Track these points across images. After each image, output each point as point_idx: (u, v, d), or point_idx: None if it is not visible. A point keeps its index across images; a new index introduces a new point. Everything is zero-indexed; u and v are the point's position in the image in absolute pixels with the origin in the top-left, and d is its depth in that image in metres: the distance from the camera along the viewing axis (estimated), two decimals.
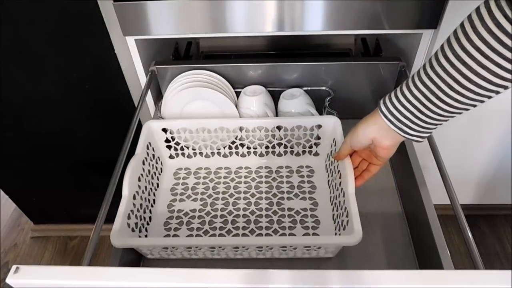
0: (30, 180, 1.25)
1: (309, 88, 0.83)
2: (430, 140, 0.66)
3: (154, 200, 0.73)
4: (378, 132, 0.54)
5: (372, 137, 0.55)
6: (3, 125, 1.04)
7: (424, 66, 0.48)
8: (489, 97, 0.44)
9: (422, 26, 0.75)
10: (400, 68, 0.80)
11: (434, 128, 0.52)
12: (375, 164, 0.61)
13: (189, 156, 0.80)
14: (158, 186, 0.76)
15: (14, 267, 0.37)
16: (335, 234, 0.65)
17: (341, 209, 0.62)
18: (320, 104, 0.83)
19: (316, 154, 0.79)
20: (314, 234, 0.67)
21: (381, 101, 0.54)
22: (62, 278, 0.37)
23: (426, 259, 0.62)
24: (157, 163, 0.76)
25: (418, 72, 0.49)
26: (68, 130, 1.07)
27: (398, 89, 0.51)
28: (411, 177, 0.69)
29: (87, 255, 0.52)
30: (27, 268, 0.37)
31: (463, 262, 1.23)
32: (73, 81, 0.93)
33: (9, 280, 0.36)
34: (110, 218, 0.59)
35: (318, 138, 0.76)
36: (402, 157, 0.74)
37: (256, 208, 0.72)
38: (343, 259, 0.64)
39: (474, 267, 0.50)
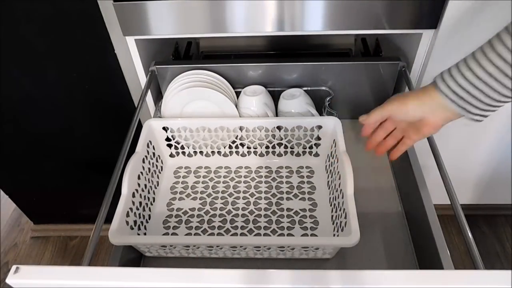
0: (30, 180, 1.25)
1: (309, 88, 0.83)
2: (430, 140, 0.65)
3: (153, 198, 0.73)
4: (433, 110, 0.52)
5: (423, 116, 0.53)
6: (3, 125, 1.04)
7: (490, 40, 0.46)
8: None
9: (422, 26, 0.75)
10: (400, 68, 0.80)
11: (501, 106, 0.49)
12: (411, 138, 0.59)
13: (189, 155, 0.81)
14: (158, 185, 0.76)
15: (14, 267, 0.37)
16: (334, 235, 0.64)
17: (340, 210, 0.62)
18: (320, 104, 0.83)
19: (316, 154, 0.79)
20: (312, 234, 0.67)
21: (439, 80, 0.50)
22: (62, 278, 0.37)
23: (426, 259, 0.62)
24: (157, 161, 0.76)
25: (484, 47, 0.46)
26: (68, 130, 1.07)
27: (460, 65, 0.49)
28: (411, 177, 0.69)
29: (87, 255, 0.52)
30: (27, 268, 0.37)
31: (463, 262, 1.23)
32: (73, 81, 0.93)
33: (9, 280, 0.36)
34: (110, 218, 0.59)
35: (319, 138, 0.76)
36: (402, 157, 0.74)
37: (255, 208, 0.72)
38: (343, 259, 0.64)
39: (474, 267, 0.50)
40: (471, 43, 0.75)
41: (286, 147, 0.79)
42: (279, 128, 0.76)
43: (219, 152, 0.81)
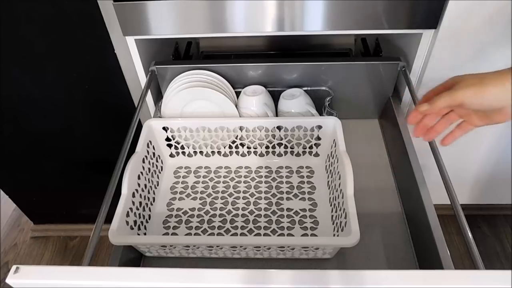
0: (30, 180, 1.25)
1: (309, 88, 0.83)
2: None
3: (153, 198, 0.73)
4: None
5: (505, 105, 0.45)
6: (3, 125, 1.04)
7: None
8: None
9: (422, 26, 0.75)
10: (400, 68, 0.80)
11: None
12: (473, 123, 0.51)
13: (189, 155, 0.81)
14: (158, 185, 0.76)
15: (14, 267, 0.37)
16: (334, 235, 0.64)
17: (340, 210, 0.62)
18: (320, 104, 0.83)
19: (316, 154, 0.79)
20: (312, 234, 0.67)
21: None
22: (62, 278, 0.37)
23: (426, 259, 0.62)
24: (157, 161, 0.76)
25: None
26: (68, 130, 1.07)
27: None
28: (411, 177, 0.69)
29: (87, 255, 0.52)
30: (27, 268, 0.37)
31: (463, 262, 1.23)
32: (73, 81, 0.93)
33: (9, 280, 0.36)
34: (110, 218, 0.59)
35: (319, 138, 0.76)
36: (402, 157, 0.74)
37: (255, 208, 0.72)
38: (343, 259, 0.64)
39: (474, 267, 0.50)
40: (471, 43, 0.76)
41: (286, 147, 0.79)
42: (279, 128, 0.76)
43: (219, 152, 0.81)
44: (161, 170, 0.78)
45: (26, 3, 0.78)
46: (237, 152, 0.80)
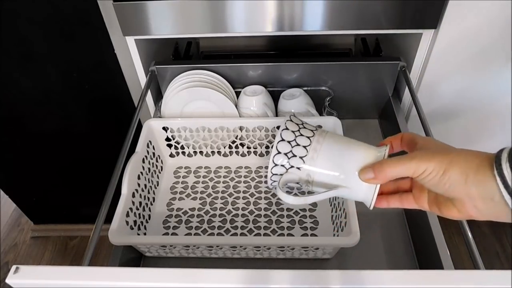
0: (30, 180, 1.25)
1: (309, 88, 0.83)
2: None
3: (153, 198, 0.73)
4: (480, 200, 0.35)
5: (461, 199, 0.36)
6: (3, 125, 1.04)
7: None
8: None
9: (422, 26, 0.75)
10: (400, 68, 0.80)
11: None
12: (415, 203, 0.42)
13: (189, 155, 0.81)
14: (158, 185, 0.76)
15: (14, 267, 0.37)
16: (333, 235, 0.64)
17: (340, 210, 0.62)
18: (320, 104, 0.83)
19: None
20: (312, 234, 0.67)
21: (505, 160, 0.33)
22: (62, 278, 0.37)
23: (426, 259, 0.62)
24: (157, 161, 0.76)
25: None
26: (68, 130, 1.07)
27: None
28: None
29: (87, 255, 0.52)
30: (27, 268, 0.37)
31: (463, 262, 1.23)
32: (73, 81, 0.93)
33: (9, 280, 0.36)
34: (110, 218, 0.59)
35: None
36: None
37: (255, 208, 0.72)
38: (343, 259, 0.64)
39: (474, 267, 0.50)
40: (471, 43, 0.76)
41: None
42: (279, 128, 0.76)
43: (219, 152, 0.81)
44: (161, 170, 0.78)
45: (26, 3, 0.78)
46: (237, 152, 0.80)
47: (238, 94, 0.82)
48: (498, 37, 0.74)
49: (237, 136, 0.78)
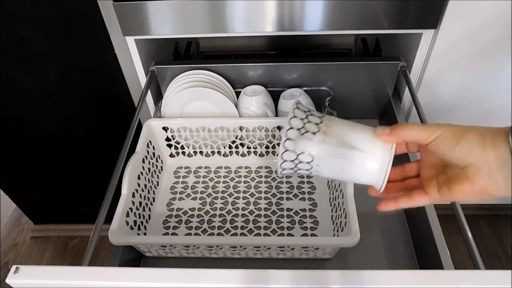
0: (30, 180, 1.25)
1: (309, 88, 0.83)
2: None
3: (153, 198, 0.73)
4: (495, 164, 0.35)
5: (476, 164, 0.37)
6: (3, 125, 1.04)
7: None
8: None
9: (422, 26, 0.75)
10: (400, 68, 0.80)
11: None
12: (428, 193, 0.41)
13: (189, 155, 0.81)
14: (158, 185, 0.76)
15: (14, 267, 0.37)
16: (334, 235, 0.64)
17: (340, 210, 0.62)
18: (320, 104, 0.83)
19: None
20: (312, 234, 0.67)
21: None
22: (62, 278, 0.37)
23: (426, 259, 0.62)
24: (157, 161, 0.76)
25: None
26: (68, 130, 1.07)
27: None
28: None
29: (87, 255, 0.52)
30: (27, 268, 0.37)
31: (463, 262, 1.23)
32: (73, 81, 0.93)
33: (9, 280, 0.36)
34: (110, 218, 0.59)
35: None
36: (402, 157, 0.74)
37: (255, 208, 0.72)
38: (343, 259, 0.64)
39: (474, 267, 0.50)
40: (471, 43, 0.76)
41: None
42: (279, 128, 0.76)
43: (219, 152, 0.81)
44: (161, 170, 0.78)
45: (26, 3, 0.78)
46: (237, 152, 0.80)
47: (238, 94, 0.82)
48: (498, 37, 0.74)
49: (237, 136, 0.78)
